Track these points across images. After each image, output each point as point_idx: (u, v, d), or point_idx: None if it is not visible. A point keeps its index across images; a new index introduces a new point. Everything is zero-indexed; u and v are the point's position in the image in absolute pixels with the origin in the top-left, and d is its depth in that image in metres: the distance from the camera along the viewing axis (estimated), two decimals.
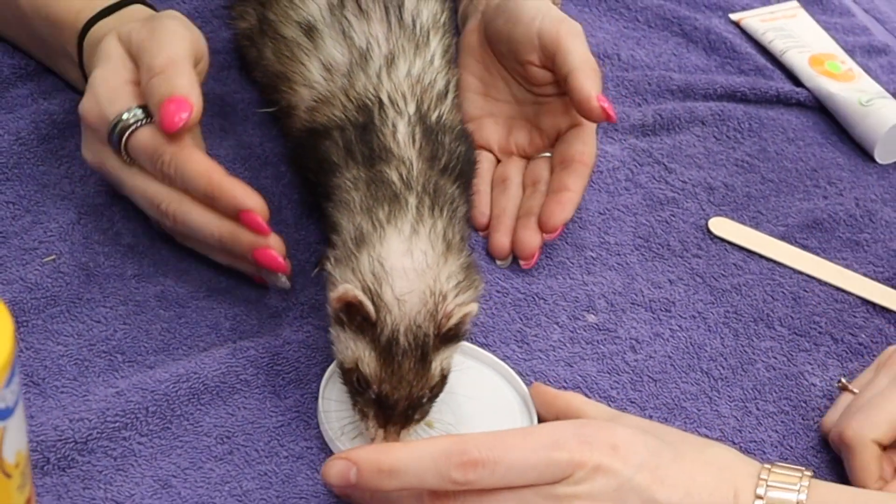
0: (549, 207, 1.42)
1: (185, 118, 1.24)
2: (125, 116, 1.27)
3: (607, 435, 1.10)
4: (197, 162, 1.25)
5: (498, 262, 1.43)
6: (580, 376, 1.33)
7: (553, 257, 1.44)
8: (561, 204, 1.41)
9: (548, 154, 1.49)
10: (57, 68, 1.50)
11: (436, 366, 1.17)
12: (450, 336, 1.18)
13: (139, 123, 1.27)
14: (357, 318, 1.16)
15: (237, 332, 1.32)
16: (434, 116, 1.32)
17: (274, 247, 1.26)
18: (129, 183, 1.30)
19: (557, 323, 1.38)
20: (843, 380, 1.34)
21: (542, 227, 1.42)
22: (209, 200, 1.26)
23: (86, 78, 1.38)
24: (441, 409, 1.22)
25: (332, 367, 1.25)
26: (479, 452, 1.06)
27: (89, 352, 1.27)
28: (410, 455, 1.08)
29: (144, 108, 1.27)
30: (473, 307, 1.18)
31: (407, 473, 1.07)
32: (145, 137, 1.26)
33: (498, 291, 1.40)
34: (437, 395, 1.20)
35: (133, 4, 1.41)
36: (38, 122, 1.47)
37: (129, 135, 1.27)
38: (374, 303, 1.15)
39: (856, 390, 1.31)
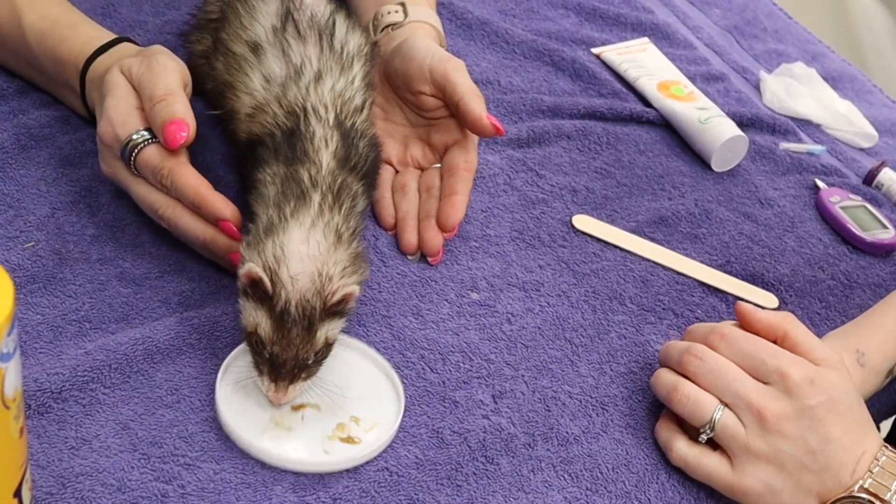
0: (445, 210, 1.45)
1: (185, 136, 1.28)
2: (134, 137, 1.31)
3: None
4: (188, 177, 1.30)
5: (409, 258, 1.46)
6: (465, 343, 1.37)
7: (443, 246, 1.47)
8: (454, 206, 1.45)
9: (438, 165, 1.52)
10: (62, 99, 1.52)
11: (321, 335, 1.22)
12: (334, 311, 1.22)
13: (145, 143, 1.31)
14: (259, 291, 1.20)
15: (184, 305, 1.34)
16: (349, 124, 1.34)
17: None
18: (135, 191, 1.34)
19: (447, 300, 1.42)
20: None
21: (442, 227, 1.45)
22: (196, 209, 1.30)
23: (87, 107, 1.45)
24: (323, 376, 1.26)
25: (231, 356, 1.28)
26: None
27: (62, 321, 1.30)
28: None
29: (149, 129, 1.31)
30: (355, 289, 1.22)
31: None
32: (149, 155, 1.31)
33: (398, 274, 1.43)
34: (322, 360, 1.24)
35: (122, 43, 1.44)
36: (18, 135, 1.49)
37: (138, 152, 1.31)
38: (272, 280, 1.19)
39: None
